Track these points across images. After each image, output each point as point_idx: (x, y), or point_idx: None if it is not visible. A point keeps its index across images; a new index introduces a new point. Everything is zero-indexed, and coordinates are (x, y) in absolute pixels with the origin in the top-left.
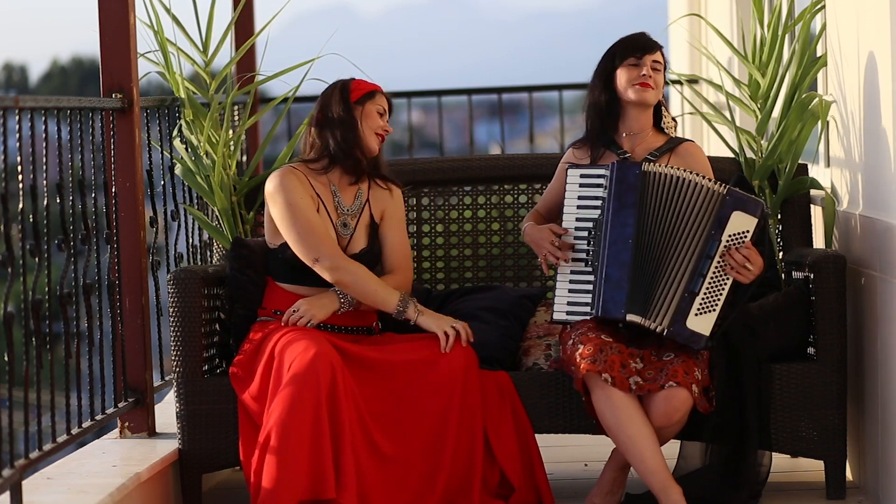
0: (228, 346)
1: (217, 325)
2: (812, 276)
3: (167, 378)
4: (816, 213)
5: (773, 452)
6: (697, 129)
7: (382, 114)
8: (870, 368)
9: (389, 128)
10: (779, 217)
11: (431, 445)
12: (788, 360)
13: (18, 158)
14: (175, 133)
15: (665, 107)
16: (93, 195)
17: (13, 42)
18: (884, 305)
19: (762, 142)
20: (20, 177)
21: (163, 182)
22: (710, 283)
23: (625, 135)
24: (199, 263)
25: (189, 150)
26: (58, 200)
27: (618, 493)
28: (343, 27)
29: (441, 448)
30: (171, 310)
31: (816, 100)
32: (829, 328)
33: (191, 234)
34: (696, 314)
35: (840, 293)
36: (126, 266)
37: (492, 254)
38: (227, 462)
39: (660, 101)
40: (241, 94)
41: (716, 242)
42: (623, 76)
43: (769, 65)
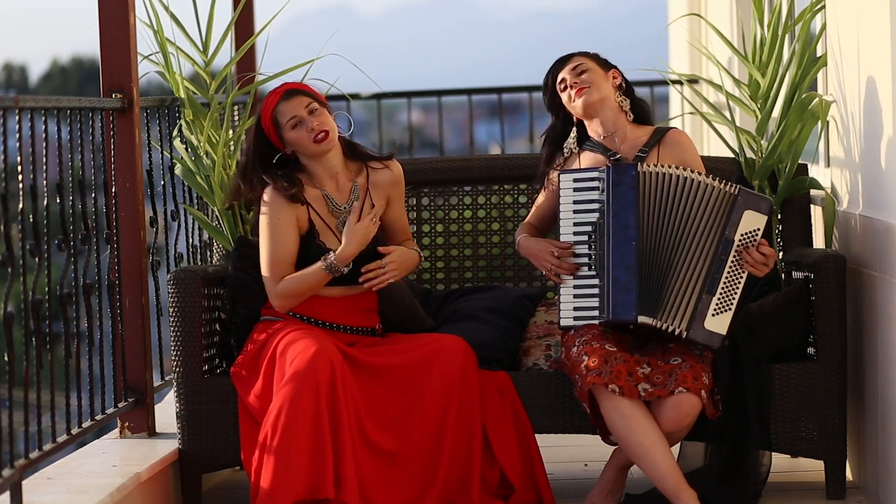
0: (229, 346)
1: (217, 325)
2: (812, 276)
3: (167, 378)
4: (816, 213)
5: (773, 452)
6: (697, 129)
7: (299, 122)
8: (870, 368)
9: (316, 126)
10: (779, 217)
11: (430, 444)
12: (788, 360)
13: (18, 158)
14: (175, 133)
15: (621, 92)
16: (93, 195)
17: (13, 42)
18: (884, 305)
19: (762, 142)
20: (20, 177)
21: (163, 182)
22: (726, 283)
23: (604, 137)
24: (199, 263)
25: (189, 150)
26: (58, 200)
27: (618, 494)
28: (343, 27)
29: (439, 447)
30: (171, 310)
31: (816, 100)
32: (829, 328)
33: (191, 234)
34: (714, 314)
35: (840, 293)
36: (126, 266)
37: (492, 254)
38: (227, 462)
39: (619, 89)
40: (241, 94)
41: (730, 243)
42: (566, 101)
43: (769, 65)
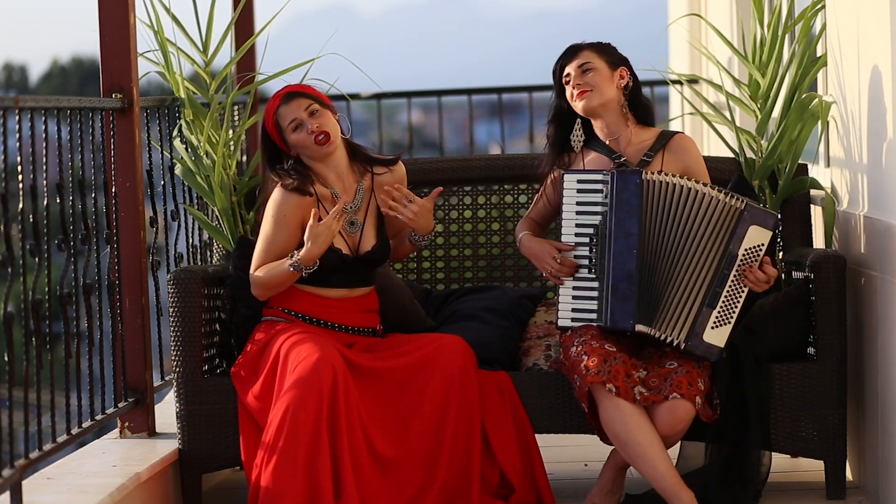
0: (229, 346)
1: (217, 325)
2: (812, 276)
3: (167, 378)
4: (816, 213)
5: (773, 452)
6: (697, 129)
7: (300, 125)
8: (870, 368)
9: (316, 129)
10: (779, 217)
11: (430, 444)
12: (788, 360)
13: (18, 158)
14: (175, 133)
15: (625, 93)
16: (93, 195)
17: (13, 42)
18: (884, 305)
19: (762, 142)
20: (20, 177)
21: (163, 182)
22: (727, 298)
23: (608, 141)
24: (199, 263)
25: (189, 150)
26: (58, 200)
27: (617, 493)
28: (343, 27)
29: (439, 446)
30: (171, 310)
31: (816, 100)
32: (829, 328)
33: (191, 234)
34: (713, 327)
35: (840, 293)
36: (126, 266)
37: (492, 254)
38: (227, 462)
39: (624, 89)
40: (241, 94)
41: (734, 258)
42: (567, 94)
43: (769, 65)
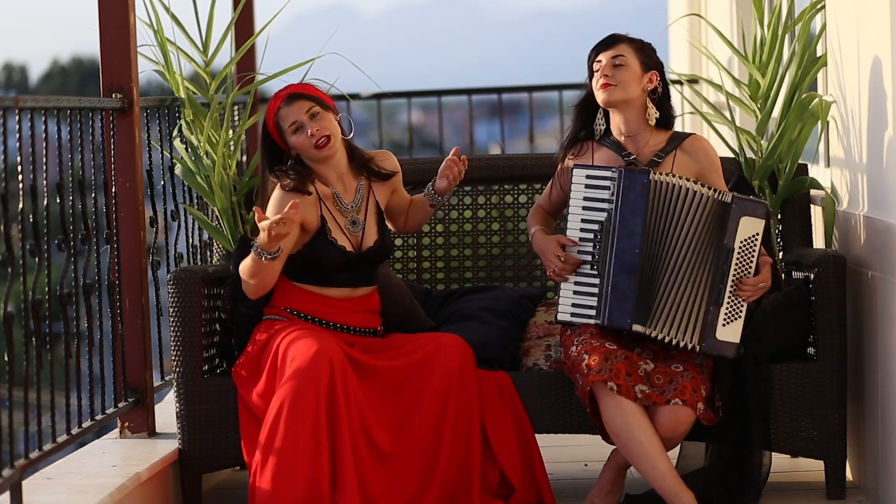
0: (229, 346)
1: (217, 325)
2: (812, 276)
3: (167, 378)
4: (816, 213)
5: (774, 452)
6: (697, 129)
7: (300, 127)
8: (870, 368)
9: (316, 132)
10: (779, 217)
11: (429, 442)
12: (788, 360)
13: (18, 158)
14: (175, 133)
15: (652, 99)
16: (93, 195)
17: (13, 42)
18: (884, 305)
19: (762, 142)
20: (20, 177)
21: (163, 182)
22: (732, 292)
23: (623, 138)
24: (199, 263)
25: (189, 150)
26: (58, 200)
27: (617, 493)
28: (343, 27)
29: (438, 444)
30: (171, 310)
31: (816, 100)
32: (829, 328)
33: (191, 234)
34: (724, 324)
35: (840, 293)
36: (126, 266)
37: (492, 254)
38: (227, 462)
39: (651, 93)
40: (241, 94)
41: (730, 252)
42: (594, 82)
43: (769, 65)
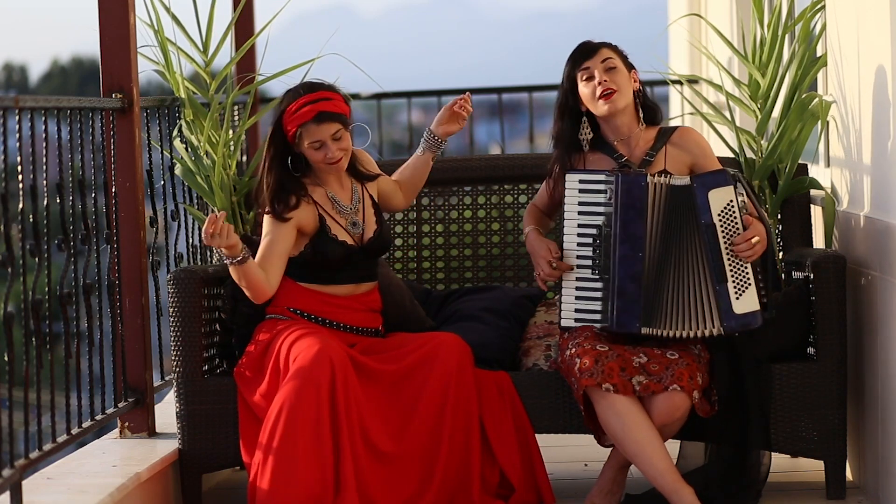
0: (229, 346)
1: (217, 325)
2: (812, 277)
3: (167, 378)
4: (816, 213)
5: (773, 452)
6: (697, 129)
7: (322, 145)
8: (870, 368)
9: (335, 154)
10: (779, 217)
11: (428, 441)
12: (788, 360)
13: (18, 158)
14: (175, 133)
15: (639, 98)
16: (93, 195)
17: (13, 42)
18: (884, 305)
19: (762, 142)
20: (20, 177)
21: (163, 182)
22: (731, 265)
23: (616, 142)
24: (199, 263)
25: (189, 150)
26: (58, 200)
27: (617, 493)
28: (343, 27)
29: (437, 442)
30: (171, 310)
31: (816, 100)
32: (829, 328)
33: (191, 234)
34: (738, 297)
35: (840, 293)
36: (126, 266)
37: (492, 254)
38: (227, 462)
39: (637, 93)
40: (241, 94)
41: (711, 227)
42: (585, 92)
43: (769, 65)
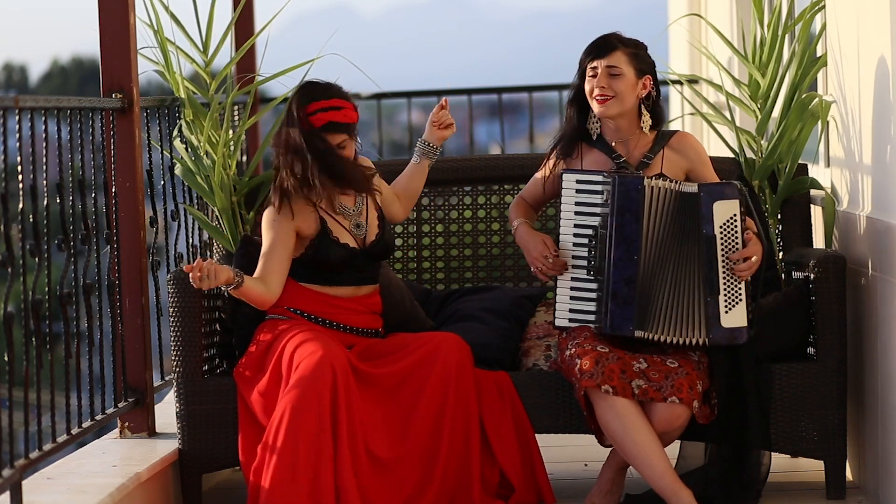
0: (229, 346)
1: (217, 325)
2: (812, 277)
3: (167, 378)
4: (816, 214)
5: (773, 452)
6: (697, 129)
7: (338, 148)
8: (870, 368)
9: (349, 153)
10: (779, 217)
11: (428, 441)
12: (788, 360)
13: (18, 158)
14: (175, 133)
15: (645, 105)
16: (93, 195)
17: (13, 42)
18: (884, 305)
19: (762, 142)
20: (20, 177)
21: (163, 182)
22: (725, 278)
23: (614, 142)
24: None
25: (189, 150)
26: (58, 200)
27: (617, 493)
28: (343, 27)
29: (437, 442)
30: (171, 310)
31: (816, 100)
32: (829, 328)
33: (191, 234)
34: (727, 311)
35: (840, 293)
36: (126, 266)
37: (492, 254)
38: (227, 462)
39: (644, 99)
40: (241, 94)
41: (712, 239)
42: (586, 87)
43: (769, 65)
